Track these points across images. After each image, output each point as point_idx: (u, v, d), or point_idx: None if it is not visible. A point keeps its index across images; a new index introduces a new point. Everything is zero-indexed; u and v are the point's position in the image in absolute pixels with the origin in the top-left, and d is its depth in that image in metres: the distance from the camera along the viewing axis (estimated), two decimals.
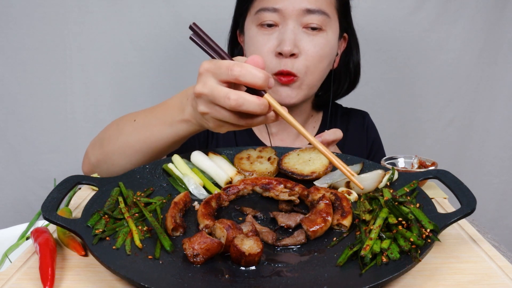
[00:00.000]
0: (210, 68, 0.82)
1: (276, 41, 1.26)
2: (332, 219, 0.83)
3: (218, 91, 0.80)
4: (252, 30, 1.30)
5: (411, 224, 0.76)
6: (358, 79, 1.49)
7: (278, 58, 1.26)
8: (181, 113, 0.97)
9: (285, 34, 1.24)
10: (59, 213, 0.83)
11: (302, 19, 1.25)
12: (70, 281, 0.72)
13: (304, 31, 1.26)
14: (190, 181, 0.98)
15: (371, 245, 0.73)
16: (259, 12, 1.27)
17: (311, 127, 1.51)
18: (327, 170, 1.00)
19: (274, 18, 1.25)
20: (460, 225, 0.89)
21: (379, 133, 1.60)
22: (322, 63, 1.29)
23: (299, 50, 1.25)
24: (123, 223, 0.82)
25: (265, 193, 0.96)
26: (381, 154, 1.57)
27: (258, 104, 0.79)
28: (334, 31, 1.31)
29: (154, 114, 1.06)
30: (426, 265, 0.75)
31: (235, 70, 0.79)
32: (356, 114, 1.58)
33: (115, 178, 0.96)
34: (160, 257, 0.74)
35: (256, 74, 0.78)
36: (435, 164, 1.14)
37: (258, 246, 0.72)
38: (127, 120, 1.12)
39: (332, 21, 1.29)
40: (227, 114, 0.82)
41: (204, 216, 0.83)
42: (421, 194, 0.88)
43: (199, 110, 0.86)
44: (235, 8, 1.42)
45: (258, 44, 1.28)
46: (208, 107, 0.84)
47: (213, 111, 0.83)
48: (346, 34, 1.42)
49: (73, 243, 0.81)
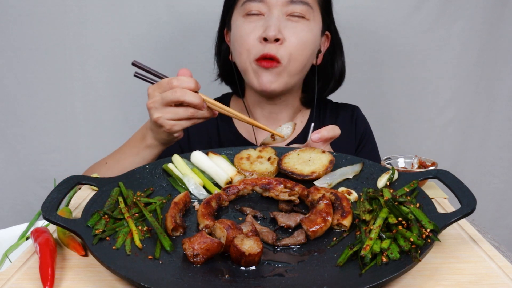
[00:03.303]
0: (155, 87, 1.13)
1: (261, 29, 1.31)
2: (332, 219, 0.83)
3: (165, 94, 1.09)
4: (238, 20, 1.36)
5: (411, 224, 0.76)
6: (343, 78, 1.54)
7: (263, 43, 1.31)
8: (143, 141, 1.21)
9: (270, 21, 1.30)
10: (59, 213, 0.83)
11: (286, 8, 1.32)
12: (70, 281, 0.72)
13: (288, 19, 1.33)
14: (190, 181, 0.98)
15: (371, 245, 0.73)
16: (246, 3, 1.34)
17: (298, 122, 1.54)
18: (327, 170, 1.00)
19: (259, 8, 1.33)
20: (460, 225, 0.89)
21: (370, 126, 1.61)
22: (305, 50, 1.34)
23: (282, 37, 1.30)
24: (123, 223, 0.82)
25: (265, 193, 0.96)
26: (371, 146, 1.57)
27: (196, 96, 1.09)
28: (316, 23, 1.38)
29: (122, 151, 1.27)
30: (426, 265, 0.74)
31: (173, 82, 1.09)
32: (346, 108, 1.60)
33: (115, 178, 0.96)
34: (160, 257, 0.74)
35: (189, 81, 1.09)
36: (435, 164, 1.14)
37: (258, 246, 0.72)
38: (100, 164, 1.31)
39: (314, 12, 1.36)
40: (176, 110, 1.10)
41: (204, 216, 0.83)
42: (421, 194, 0.88)
43: (153, 118, 1.12)
44: (223, 5, 1.47)
45: (244, 32, 1.33)
46: (160, 111, 1.11)
47: (164, 112, 1.10)
48: (329, 33, 1.47)
49: (73, 243, 0.81)
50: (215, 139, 1.51)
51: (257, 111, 1.50)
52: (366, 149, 1.55)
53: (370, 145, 1.57)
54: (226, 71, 1.53)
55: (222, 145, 1.50)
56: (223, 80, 1.57)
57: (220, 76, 1.56)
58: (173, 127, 1.12)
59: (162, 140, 1.19)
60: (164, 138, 1.17)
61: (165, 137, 1.17)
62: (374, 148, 1.59)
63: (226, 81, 1.57)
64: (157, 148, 1.21)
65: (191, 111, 1.11)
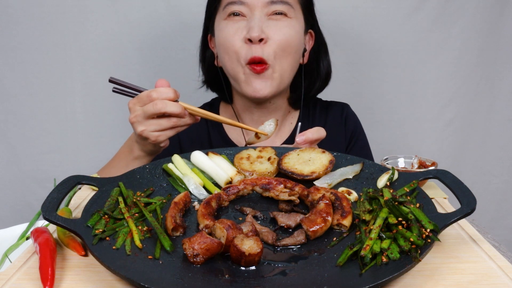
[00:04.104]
0: (135, 101, 1.15)
1: (245, 30, 1.33)
2: (332, 219, 0.83)
3: (146, 107, 1.11)
4: (221, 23, 1.38)
5: (411, 224, 0.76)
6: (330, 77, 1.54)
7: (248, 45, 1.32)
8: (131, 154, 1.25)
9: (252, 21, 1.32)
10: (59, 213, 0.83)
11: (267, 9, 1.34)
12: (70, 281, 0.72)
13: (269, 18, 1.35)
14: (190, 181, 0.98)
15: (371, 245, 0.73)
16: (227, 6, 1.36)
17: (288, 123, 1.54)
18: (327, 170, 1.00)
19: (241, 10, 1.34)
20: (460, 225, 0.89)
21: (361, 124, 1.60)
22: (289, 47, 1.35)
23: (266, 36, 1.32)
24: (123, 223, 0.82)
25: (265, 193, 0.96)
26: (361, 143, 1.57)
27: (176, 106, 1.11)
28: (298, 21, 1.39)
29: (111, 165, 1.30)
30: (426, 265, 0.75)
31: (152, 95, 1.11)
32: (336, 106, 1.59)
33: (115, 178, 0.96)
34: (160, 257, 0.74)
35: (168, 91, 1.11)
36: (435, 164, 1.14)
37: (258, 246, 0.72)
38: None
39: (296, 11, 1.38)
40: (159, 122, 1.12)
41: (204, 216, 0.83)
42: (421, 194, 0.88)
43: (138, 132, 1.14)
44: (205, 11, 1.48)
45: (228, 34, 1.35)
46: (143, 125, 1.13)
47: (147, 125, 1.13)
48: (313, 32, 1.47)
49: (73, 243, 0.81)
50: (206, 146, 1.50)
51: (247, 116, 1.50)
52: (357, 147, 1.55)
53: (361, 142, 1.57)
54: (212, 77, 1.52)
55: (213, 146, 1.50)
56: (209, 87, 1.56)
57: (205, 83, 1.56)
58: (158, 138, 1.15)
59: (149, 151, 1.23)
60: (150, 149, 1.21)
61: (151, 148, 1.21)
62: (365, 145, 1.58)
63: (212, 88, 1.56)
64: (145, 158, 1.26)
65: (174, 121, 1.13)
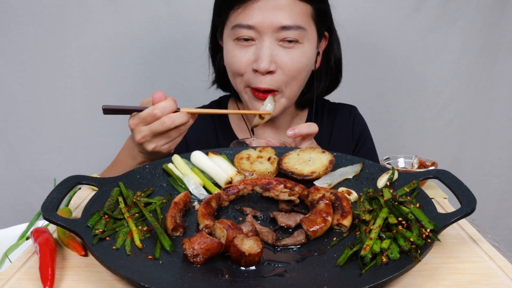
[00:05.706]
0: (137, 122, 1.12)
1: (253, 56, 1.27)
2: (332, 219, 0.83)
3: (154, 127, 1.10)
4: (229, 43, 1.32)
5: (411, 224, 0.76)
6: (340, 76, 1.48)
7: (255, 74, 1.27)
8: (134, 160, 1.22)
9: (261, 50, 1.25)
10: (59, 213, 0.83)
11: (278, 34, 1.25)
12: (70, 281, 0.72)
13: (280, 45, 1.27)
14: (190, 181, 0.98)
15: (371, 245, 0.73)
16: (235, 28, 1.28)
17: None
18: (327, 170, 1.00)
19: (250, 34, 1.26)
20: (460, 225, 0.89)
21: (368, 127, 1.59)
22: (300, 75, 1.31)
23: (276, 65, 1.26)
24: (123, 223, 0.82)
25: (265, 193, 0.96)
26: (368, 146, 1.56)
27: (182, 116, 1.11)
28: (311, 42, 1.31)
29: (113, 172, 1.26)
30: (426, 265, 0.75)
31: (156, 113, 1.09)
32: (343, 108, 1.58)
33: (115, 178, 0.95)
34: (160, 257, 0.74)
35: (169, 105, 1.09)
36: (435, 164, 1.14)
37: (258, 246, 0.72)
38: None
39: (308, 32, 1.29)
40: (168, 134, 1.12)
41: (204, 216, 0.83)
42: (421, 194, 0.88)
43: (149, 150, 1.13)
44: (213, 17, 1.41)
45: (236, 58, 1.29)
46: (154, 142, 1.13)
47: (158, 141, 1.13)
48: (327, 33, 1.41)
49: (73, 243, 0.81)
50: (213, 145, 1.48)
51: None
52: (364, 150, 1.54)
53: (368, 145, 1.56)
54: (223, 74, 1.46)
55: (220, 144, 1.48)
56: (219, 87, 1.52)
57: (216, 82, 1.51)
58: (169, 148, 1.16)
59: (156, 158, 1.20)
60: (159, 157, 1.19)
61: (161, 156, 1.18)
62: (372, 149, 1.57)
63: (224, 88, 1.52)
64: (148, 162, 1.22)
65: (182, 129, 1.14)
